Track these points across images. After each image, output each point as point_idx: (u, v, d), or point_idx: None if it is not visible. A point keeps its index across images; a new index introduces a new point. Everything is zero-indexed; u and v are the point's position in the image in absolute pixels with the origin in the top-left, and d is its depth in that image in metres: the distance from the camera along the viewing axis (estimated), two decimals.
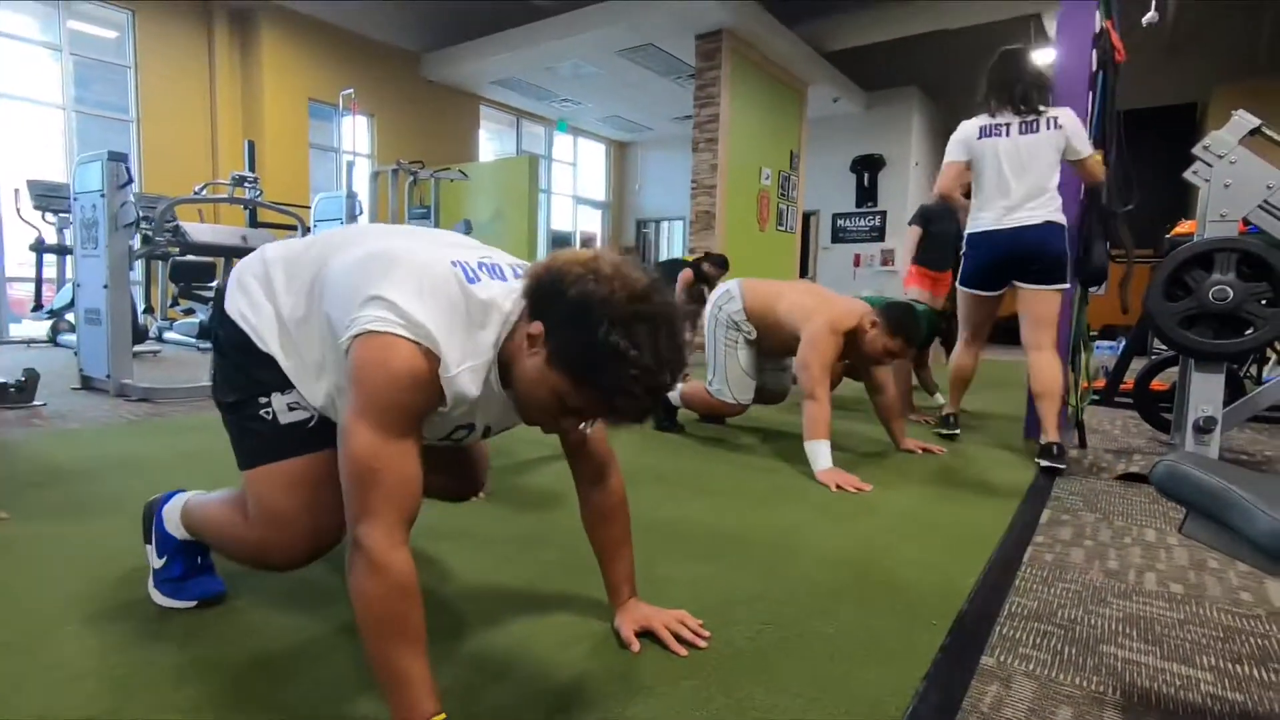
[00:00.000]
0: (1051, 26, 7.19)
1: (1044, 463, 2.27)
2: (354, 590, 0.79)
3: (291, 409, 0.99)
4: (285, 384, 0.98)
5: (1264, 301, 2.06)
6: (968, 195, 2.64)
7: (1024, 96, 2.40)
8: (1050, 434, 2.32)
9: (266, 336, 0.98)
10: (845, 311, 2.31)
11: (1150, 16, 3.51)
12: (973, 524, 1.74)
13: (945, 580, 1.37)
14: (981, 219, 2.50)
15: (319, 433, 0.98)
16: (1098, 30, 2.65)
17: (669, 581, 1.33)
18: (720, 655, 1.06)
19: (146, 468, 2.03)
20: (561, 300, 0.79)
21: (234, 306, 1.01)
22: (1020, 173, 2.40)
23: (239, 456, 1.01)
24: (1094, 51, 2.66)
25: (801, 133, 8.42)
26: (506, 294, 0.89)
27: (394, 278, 0.85)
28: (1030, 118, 2.40)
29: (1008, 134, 2.43)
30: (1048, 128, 2.37)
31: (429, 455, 0.93)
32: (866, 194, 10.07)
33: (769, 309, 2.48)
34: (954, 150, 2.56)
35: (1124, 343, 4.09)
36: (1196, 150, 2.23)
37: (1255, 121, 2.15)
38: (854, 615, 1.21)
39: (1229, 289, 2.08)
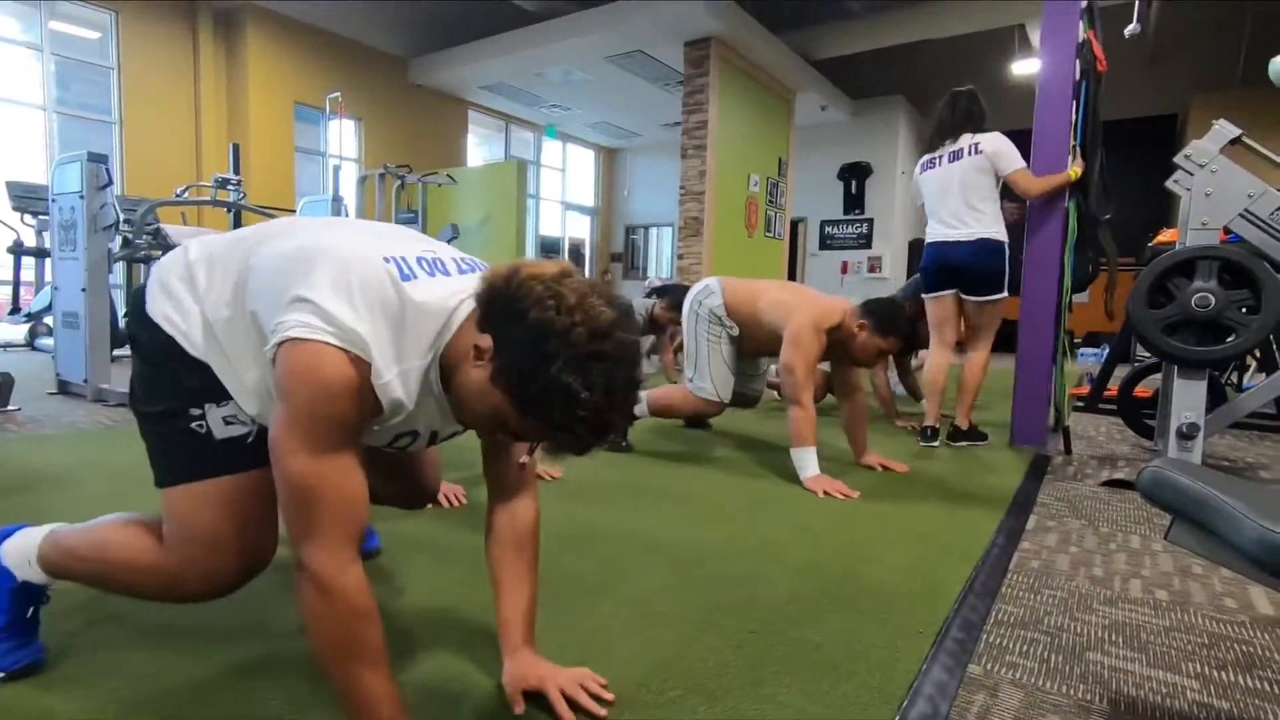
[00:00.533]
0: (1035, 36, 7.28)
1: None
2: (306, 616, 0.75)
3: (228, 423, 0.89)
4: (220, 394, 0.88)
5: (1245, 309, 2.08)
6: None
7: (951, 130, 2.80)
8: (959, 419, 2.82)
9: (194, 338, 0.88)
10: (828, 309, 2.21)
11: (1132, 28, 3.57)
12: (959, 530, 1.74)
13: (931, 587, 1.36)
14: (928, 234, 2.94)
15: (257, 448, 0.85)
16: (1080, 40, 2.68)
17: (652, 589, 1.31)
18: (705, 665, 1.04)
19: (123, 474, 1.99)
20: (517, 322, 0.74)
21: (157, 309, 0.90)
22: (944, 196, 2.80)
23: (159, 472, 0.90)
24: (1077, 61, 2.69)
25: (789, 140, 8.47)
26: (451, 293, 0.83)
27: (319, 276, 0.79)
28: (956, 147, 2.78)
29: (939, 165, 2.85)
30: (970, 153, 2.74)
31: (378, 463, 0.89)
32: (854, 201, 10.14)
33: (749, 305, 2.40)
34: (912, 192, 3.13)
35: (1108, 349, 4.13)
36: (1178, 159, 2.25)
37: (1236, 131, 2.17)
38: (840, 623, 1.20)
39: (1211, 296, 2.10)
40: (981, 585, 1.40)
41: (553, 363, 0.71)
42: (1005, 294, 2.77)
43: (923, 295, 2.96)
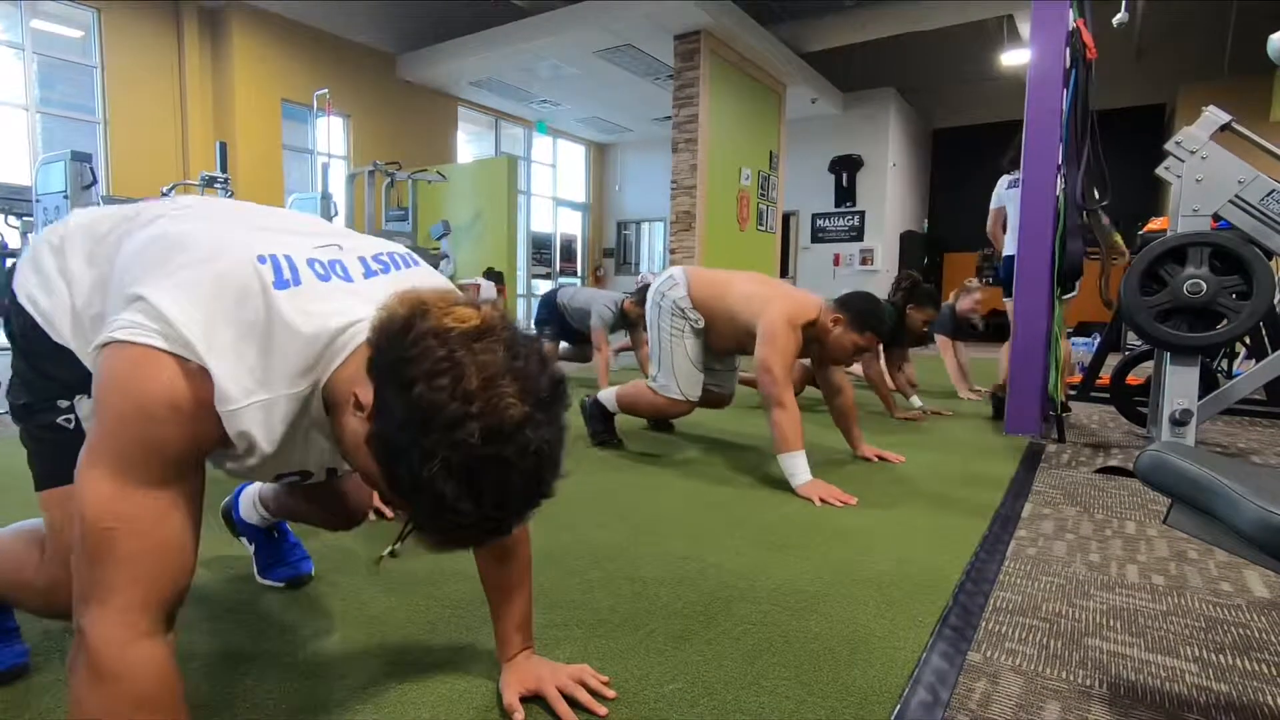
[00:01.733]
0: (1023, 27, 7.30)
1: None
2: (73, 700, 0.59)
3: None
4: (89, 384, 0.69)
5: (1236, 295, 2.09)
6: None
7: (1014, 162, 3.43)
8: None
9: (60, 324, 0.75)
10: (802, 303, 2.09)
11: (1120, 17, 3.56)
12: (955, 519, 1.74)
13: (929, 576, 1.36)
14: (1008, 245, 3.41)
15: None
16: (1070, 29, 2.68)
17: (647, 583, 1.31)
18: (705, 657, 1.04)
19: None
20: (400, 391, 0.58)
21: (22, 287, 0.76)
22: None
23: (34, 475, 0.80)
24: (1066, 50, 2.69)
25: (780, 133, 8.47)
26: (339, 310, 0.66)
27: (166, 271, 0.65)
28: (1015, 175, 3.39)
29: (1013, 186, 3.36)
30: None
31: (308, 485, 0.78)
32: (845, 194, 10.15)
33: (717, 298, 2.24)
34: (994, 199, 3.82)
35: (1099, 338, 4.14)
36: (1169, 146, 2.26)
37: (1226, 117, 2.18)
38: (839, 613, 1.19)
39: (1203, 283, 2.11)
40: (979, 573, 1.40)
41: (429, 461, 0.56)
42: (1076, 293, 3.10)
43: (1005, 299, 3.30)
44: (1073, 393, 3.64)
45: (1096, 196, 2.67)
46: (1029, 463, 2.38)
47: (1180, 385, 2.22)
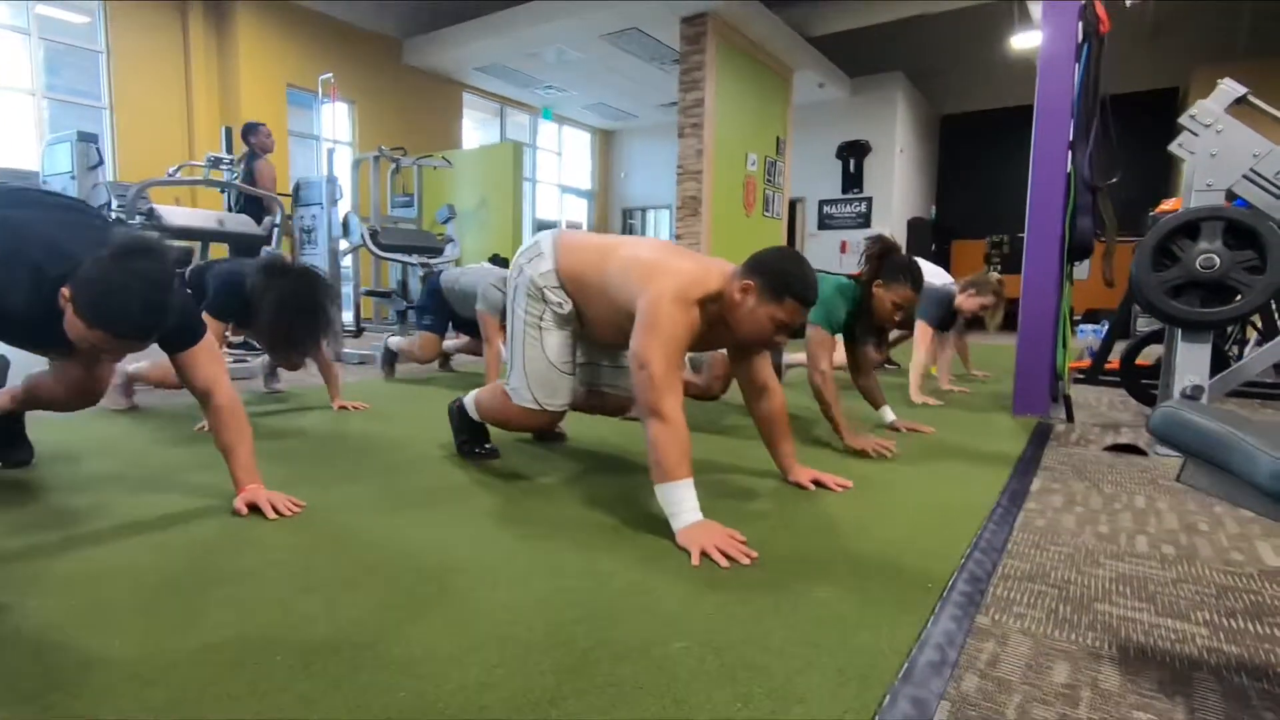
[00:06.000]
0: (1034, 9, 7.20)
1: None
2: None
3: None
4: None
5: (1249, 270, 2.06)
6: None
7: None
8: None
9: None
10: (701, 272, 1.52)
11: None
12: (964, 493, 1.73)
13: (938, 546, 1.35)
14: None
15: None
16: (1083, 2, 2.64)
17: (658, 550, 1.30)
18: (713, 619, 1.03)
19: (121, 451, 1.98)
20: None
21: None
22: None
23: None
24: (1079, 24, 2.65)
25: (787, 118, 8.41)
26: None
27: None
28: None
29: None
30: None
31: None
32: (852, 180, 10.08)
33: (593, 272, 1.65)
34: None
35: (1107, 325, 4.11)
36: (1183, 120, 2.22)
37: (1241, 90, 2.14)
38: (847, 579, 1.19)
39: (1216, 257, 2.08)
40: (987, 543, 1.39)
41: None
42: None
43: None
44: (1080, 376, 3.62)
45: (1105, 174, 2.63)
46: (1037, 440, 2.37)
47: (1191, 361, 2.20)
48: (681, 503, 1.37)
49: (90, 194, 3.12)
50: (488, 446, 2.01)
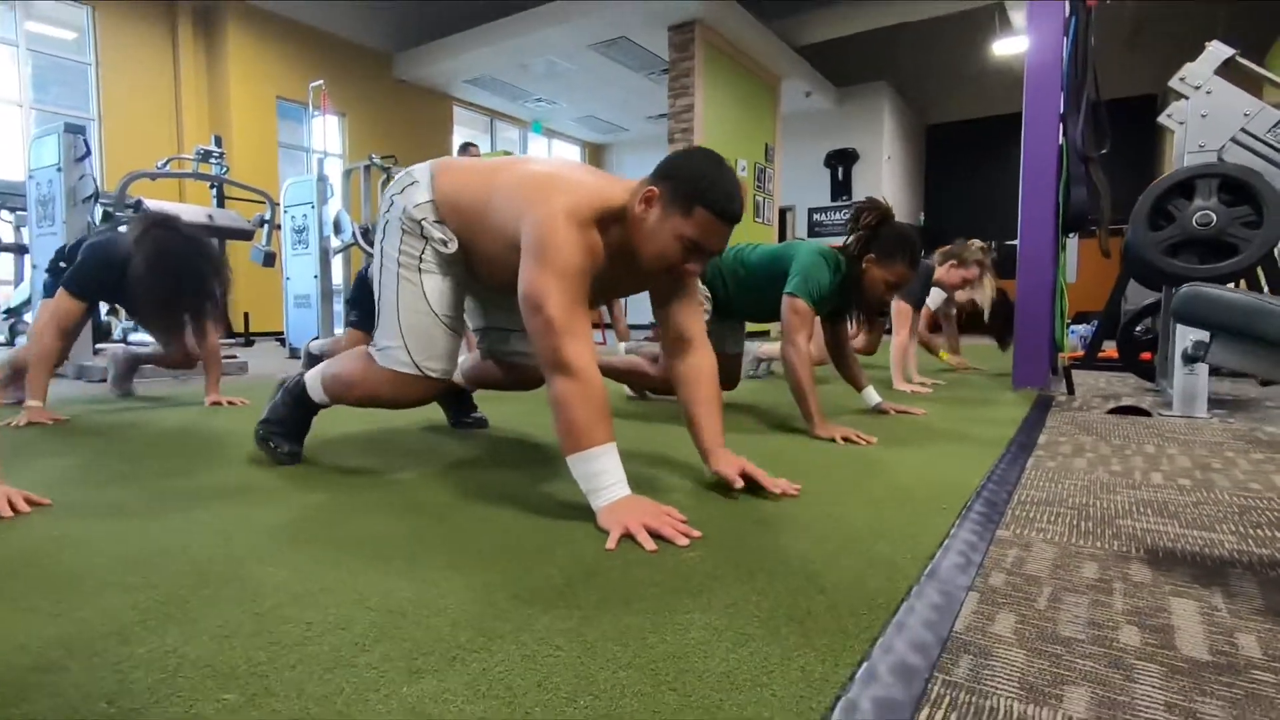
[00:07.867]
0: (1015, 16, 7.34)
1: None
2: None
3: None
4: None
5: (1246, 225, 2.06)
6: None
7: None
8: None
9: None
10: (601, 187, 1.22)
11: None
12: (970, 448, 1.69)
13: (951, 481, 1.32)
14: None
15: None
16: None
17: (664, 488, 1.26)
18: (725, 536, 0.99)
19: (116, 442, 1.92)
20: None
21: None
22: None
23: None
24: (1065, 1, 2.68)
25: (776, 126, 8.48)
26: None
27: None
28: None
29: None
30: None
31: None
32: (841, 188, 10.17)
33: (478, 197, 1.30)
34: None
35: (1096, 324, 4.10)
36: (1173, 83, 2.24)
37: (1230, 51, 2.17)
38: (862, 505, 1.15)
39: (1212, 214, 2.08)
40: (1000, 475, 1.36)
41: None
42: None
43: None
44: (1075, 364, 3.60)
45: (1097, 144, 2.65)
46: (1041, 407, 2.34)
47: None
48: (600, 475, 1.06)
49: (77, 185, 3.08)
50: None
